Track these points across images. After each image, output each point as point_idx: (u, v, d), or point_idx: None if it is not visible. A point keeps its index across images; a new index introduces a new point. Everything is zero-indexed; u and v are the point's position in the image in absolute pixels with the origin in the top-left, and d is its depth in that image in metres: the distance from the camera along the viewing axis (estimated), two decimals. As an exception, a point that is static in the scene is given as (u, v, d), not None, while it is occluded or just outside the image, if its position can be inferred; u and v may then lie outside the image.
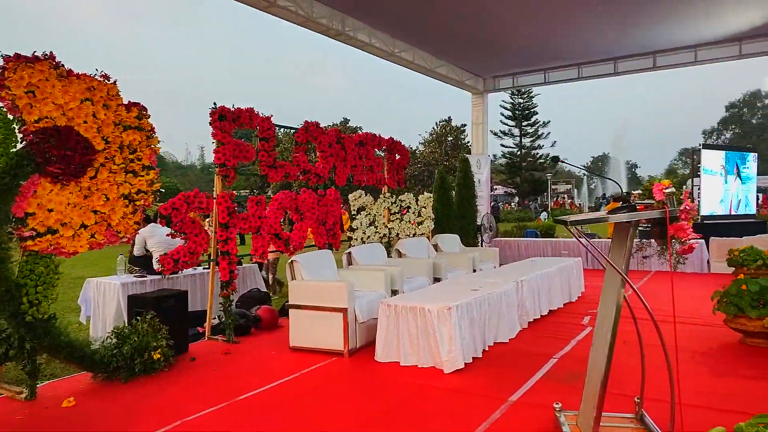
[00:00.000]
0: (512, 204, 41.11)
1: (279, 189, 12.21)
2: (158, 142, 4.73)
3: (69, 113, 4.07)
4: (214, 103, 5.91)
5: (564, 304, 6.87)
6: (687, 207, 2.61)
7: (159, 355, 4.43)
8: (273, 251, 6.62)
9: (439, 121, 39.70)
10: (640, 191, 2.98)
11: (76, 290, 6.80)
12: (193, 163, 72.72)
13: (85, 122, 4.16)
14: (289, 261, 5.46)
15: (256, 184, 36.20)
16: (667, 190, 2.60)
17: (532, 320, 6.00)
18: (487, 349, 4.91)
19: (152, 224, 6.12)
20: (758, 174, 14.39)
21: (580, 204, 40.76)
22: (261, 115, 6.04)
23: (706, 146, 13.27)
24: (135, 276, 5.98)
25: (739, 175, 13.00)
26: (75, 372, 4.45)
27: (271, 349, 5.23)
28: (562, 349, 4.93)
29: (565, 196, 41.94)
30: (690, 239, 2.63)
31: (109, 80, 4.37)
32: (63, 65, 4.06)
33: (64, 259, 4.16)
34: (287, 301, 5.45)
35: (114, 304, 5.64)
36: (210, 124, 5.49)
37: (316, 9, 7.88)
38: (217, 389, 4.10)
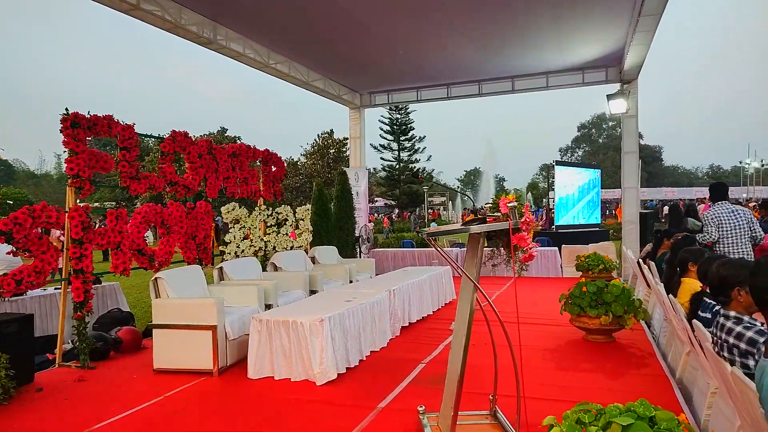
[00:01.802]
0: (393, 215, 42.28)
1: (149, 201, 11.46)
2: (-3, 150, 4.25)
3: None
4: (66, 109, 5.42)
5: (434, 311, 7.22)
6: (527, 219, 2.90)
7: (-4, 388, 3.95)
8: None
9: (321, 134, 39.84)
10: (490, 204, 3.26)
11: None
12: (48, 171, 65.65)
13: None
14: (153, 278, 5.16)
15: (123, 197, 33.59)
16: (510, 204, 2.87)
17: (404, 327, 6.23)
18: (361, 358, 5.00)
19: (-10, 241, 5.45)
20: (602, 187, 16.30)
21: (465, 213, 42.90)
22: (122, 123, 5.67)
23: (558, 163, 14.74)
24: (-32, 300, 5.28)
25: (586, 188, 14.61)
26: None
27: (133, 372, 4.89)
28: (430, 353, 5.18)
29: (441, 207, 44.00)
30: (530, 248, 2.92)
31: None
32: None
33: None
34: (151, 322, 5.14)
35: (-60, 334, 4.92)
36: (61, 131, 5.04)
37: (185, 15, 7.57)
38: (66, 420, 3.75)
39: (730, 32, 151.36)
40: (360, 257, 11.52)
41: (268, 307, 5.77)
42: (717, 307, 3.05)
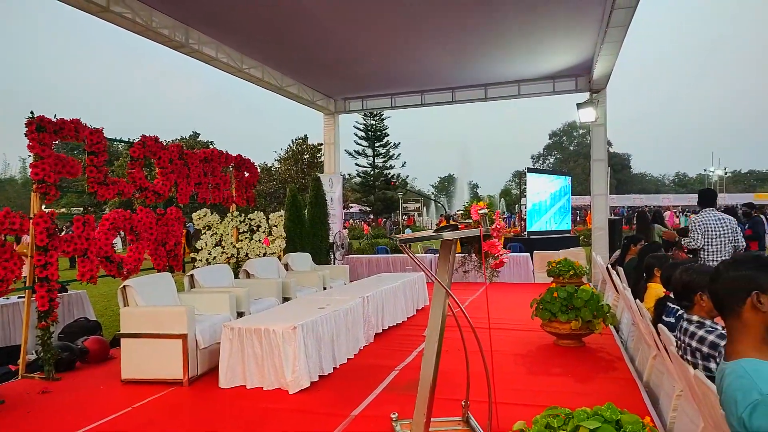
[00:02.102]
0: (369, 221, 42.30)
1: (118, 207, 11.25)
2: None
3: None
4: (32, 112, 5.30)
5: (408, 317, 7.23)
6: (498, 226, 2.94)
7: (-46, 402, 3.81)
8: None
9: (296, 139, 39.67)
10: (462, 211, 3.29)
11: None
12: (12, 176, 63.61)
13: None
14: (121, 286, 5.05)
15: (91, 202, 32.83)
16: (482, 211, 2.90)
17: (377, 334, 6.23)
18: (334, 365, 4.98)
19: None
20: (573, 194, 16.60)
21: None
22: (90, 127, 5.55)
23: (530, 170, 14.96)
24: (-75, 310, 5.09)
25: (557, 195, 14.86)
26: None
27: (100, 383, 4.77)
28: (403, 360, 5.18)
29: (416, 213, 44.24)
30: (501, 255, 2.96)
31: None
32: None
33: None
34: (119, 331, 5.02)
35: None
36: (26, 135, 4.92)
37: (156, 18, 7.46)
38: (29, 434, 3.63)
39: (696, 45, 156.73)
40: (334, 264, 11.48)
41: (240, 314, 5.71)
42: (680, 312, 3.13)
